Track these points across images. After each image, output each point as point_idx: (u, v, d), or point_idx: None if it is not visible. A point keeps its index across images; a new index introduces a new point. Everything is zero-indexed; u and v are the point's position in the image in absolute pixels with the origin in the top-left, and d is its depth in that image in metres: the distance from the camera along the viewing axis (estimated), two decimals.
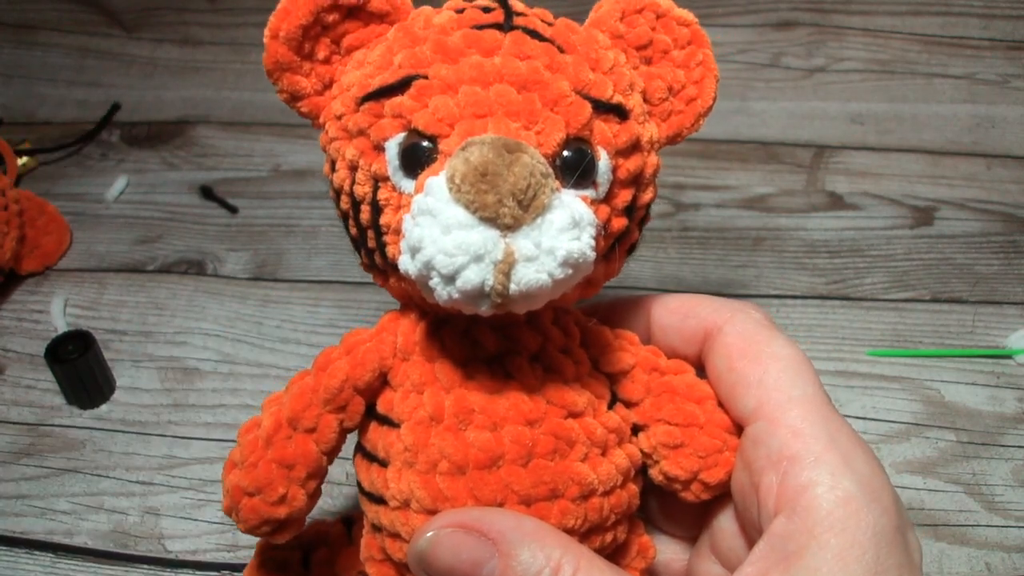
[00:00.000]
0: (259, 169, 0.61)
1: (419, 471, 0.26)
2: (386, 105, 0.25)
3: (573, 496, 0.26)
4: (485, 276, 0.22)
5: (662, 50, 0.29)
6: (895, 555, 0.24)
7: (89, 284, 0.53)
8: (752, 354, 0.27)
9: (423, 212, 0.22)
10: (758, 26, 0.69)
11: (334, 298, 0.51)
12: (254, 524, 0.27)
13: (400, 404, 0.27)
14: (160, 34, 0.72)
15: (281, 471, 0.27)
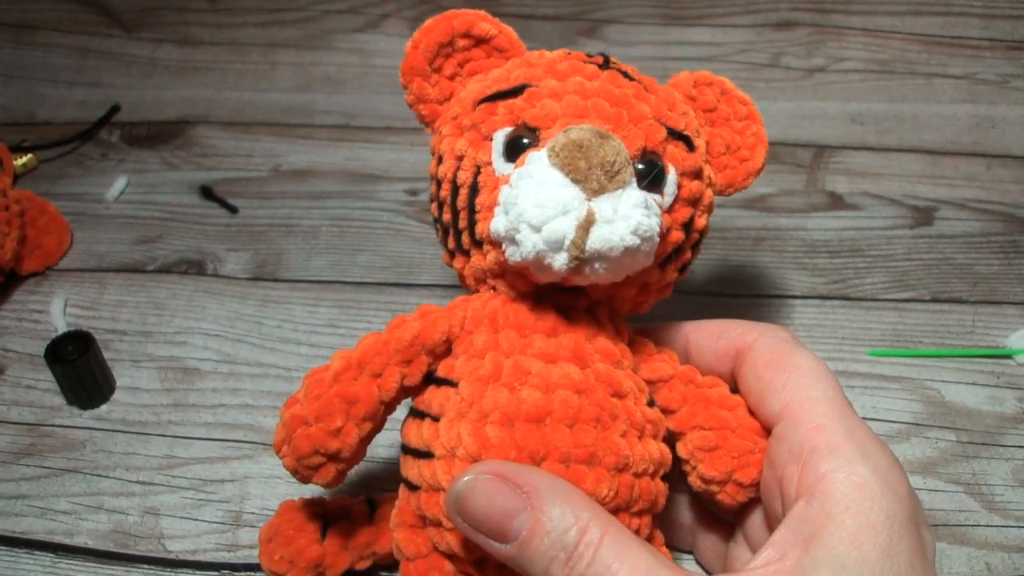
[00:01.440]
0: (259, 169, 0.61)
1: (471, 420, 0.28)
2: (500, 105, 0.30)
3: (609, 466, 0.28)
4: (568, 229, 0.26)
5: (724, 117, 0.34)
6: (908, 541, 0.25)
7: (89, 284, 0.53)
8: (777, 364, 0.30)
9: (522, 176, 0.27)
10: (758, 26, 0.69)
11: (334, 298, 0.51)
12: (305, 452, 0.29)
13: (462, 366, 0.29)
14: (160, 34, 0.72)
15: (343, 405, 0.29)
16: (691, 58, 0.68)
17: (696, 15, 0.69)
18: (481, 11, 0.34)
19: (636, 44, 0.69)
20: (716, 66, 0.68)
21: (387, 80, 0.68)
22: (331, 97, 0.67)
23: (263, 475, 0.41)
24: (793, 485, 0.27)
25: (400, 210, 0.57)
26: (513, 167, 0.28)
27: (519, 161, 0.28)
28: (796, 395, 0.29)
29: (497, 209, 0.28)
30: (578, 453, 0.28)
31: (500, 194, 0.28)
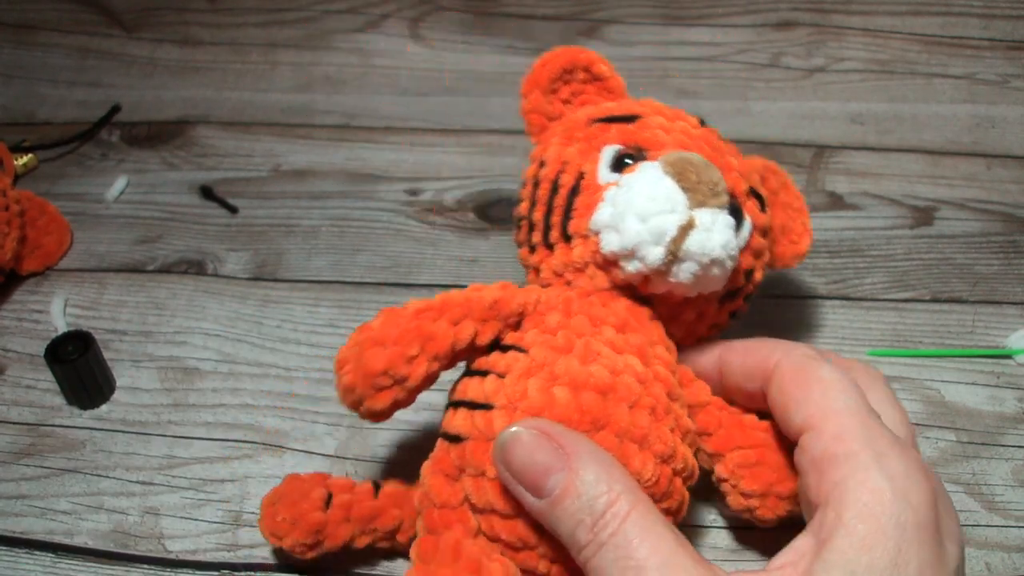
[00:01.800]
0: (259, 169, 0.61)
1: (539, 379, 0.30)
2: (613, 127, 0.34)
3: (656, 452, 0.30)
4: (671, 227, 0.29)
5: (782, 203, 0.39)
6: (919, 549, 0.26)
7: (89, 284, 0.53)
8: (801, 379, 0.30)
9: (635, 177, 0.30)
10: (758, 26, 0.69)
11: (334, 298, 0.51)
12: (374, 370, 0.30)
13: (533, 337, 0.31)
14: (160, 34, 0.72)
15: (420, 337, 0.30)
16: (691, 58, 0.69)
17: (696, 15, 0.69)
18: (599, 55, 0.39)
19: (636, 44, 0.69)
20: (716, 66, 0.69)
21: (387, 80, 0.68)
22: (331, 97, 0.67)
23: (263, 475, 0.41)
24: (813, 493, 0.28)
25: (400, 210, 0.57)
26: (618, 176, 0.32)
27: (628, 169, 0.32)
28: (818, 407, 0.29)
29: (602, 204, 0.31)
30: (633, 432, 0.29)
31: (607, 192, 0.32)
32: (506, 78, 0.68)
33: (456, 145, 0.63)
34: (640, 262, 0.30)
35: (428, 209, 0.57)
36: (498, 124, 0.64)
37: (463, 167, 0.61)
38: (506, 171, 0.60)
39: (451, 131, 0.64)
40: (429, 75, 0.69)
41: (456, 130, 0.64)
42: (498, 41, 0.70)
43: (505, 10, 0.71)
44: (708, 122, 0.37)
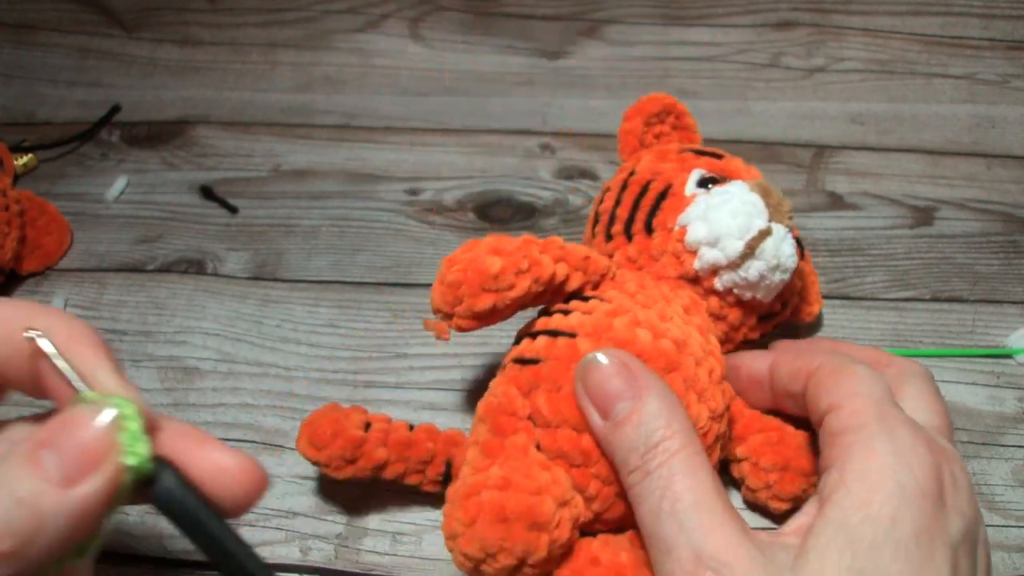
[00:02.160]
0: (259, 169, 0.61)
1: (624, 319, 0.33)
2: (703, 158, 0.40)
3: (710, 408, 0.33)
4: (754, 226, 0.35)
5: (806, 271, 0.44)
6: (917, 515, 0.27)
7: (89, 284, 0.53)
8: (835, 372, 0.32)
9: (730, 188, 0.36)
10: (758, 26, 0.69)
11: (334, 298, 0.51)
12: (489, 270, 0.33)
13: (615, 294, 0.35)
14: (160, 34, 0.72)
15: (529, 258, 0.34)
16: (691, 58, 0.69)
17: (696, 15, 0.69)
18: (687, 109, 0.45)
19: (636, 44, 0.69)
20: (716, 66, 0.69)
21: (387, 80, 0.68)
22: (331, 97, 0.67)
23: None
24: (824, 463, 0.29)
25: (400, 210, 0.57)
26: (703, 191, 0.38)
27: (717, 186, 0.37)
28: (843, 393, 0.31)
29: (697, 201, 0.37)
30: (696, 384, 0.33)
31: (700, 196, 0.37)
32: (506, 78, 0.68)
33: (456, 145, 0.63)
34: (720, 252, 0.35)
35: (428, 209, 0.57)
36: (498, 124, 0.64)
37: (463, 167, 0.61)
38: (506, 171, 0.60)
39: (451, 131, 0.64)
40: (429, 75, 0.69)
41: (456, 130, 0.64)
42: (498, 41, 0.70)
43: (505, 10, 0.71)
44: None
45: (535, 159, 0.61)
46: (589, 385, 0.31)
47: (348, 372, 0.47)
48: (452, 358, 0.47)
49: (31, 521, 0.21)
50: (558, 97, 0.66)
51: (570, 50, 0.70)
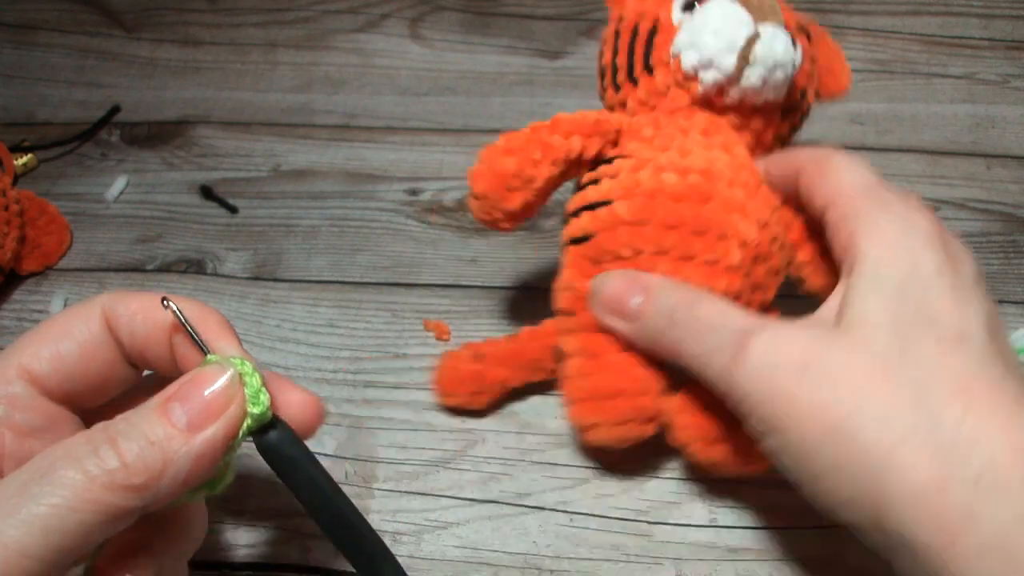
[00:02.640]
0: (259, 169, 0.61)
1: (648, 170, 0.36)
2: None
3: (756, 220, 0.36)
4: (740, 37, 0.35)
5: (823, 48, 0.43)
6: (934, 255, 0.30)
7: (89, 284, 0.53)
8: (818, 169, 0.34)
9: (708, 7, 0.36)
10: None
11: (334, 298, 0.51)
12: (506, 171, 0.37)
13: (633, 146, 0.37)
14: (160, 34, 0.72)
15: (540, 144, 0.37)
16: None
17: None
18: None
19: None
20: None
21: (387, 80, 0.68)
22: (331, 97, 0.67)
23: (262, 473, 0.41)
24: (838, 256, 0.32)
25: (400, 210, 0.57)
26: (689, 15, 0.37)
27: (700, 5, 0.37)
28: (832, 187, 0.33)
29: (681, 31, 0.37)
30: (734, 204, 0.35)
31: (684, 23, 0.37)
32: (506, 78, 0.68)
33: (456, 145, 0.63)
34: (716, 71, 0.36)
35: (429, 209, 0.57)
36: (498, 124, 0.64)
37: (463, 167, 0.60)
38: None
39: (451, 131, 0.64)
40: (429, 75, 0.69)
41: (456, 130, 0.64)
42: (498, 41, 0.70)
43: (505, 10, 0.71)
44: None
45: None
46: (603, 298, 0.35)
47: (348, 372, 0.47)
48: None
49: (160, 460, 0.25)
50: (558, 97, 0.66)
51: (570, 50, 0.70)
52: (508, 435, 0.44)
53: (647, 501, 0.41)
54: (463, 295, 0.51)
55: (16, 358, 0.29)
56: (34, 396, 0.28)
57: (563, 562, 0.39)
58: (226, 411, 0.26)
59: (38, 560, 0.23)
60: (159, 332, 0.30)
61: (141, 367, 0.31)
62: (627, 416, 0.36)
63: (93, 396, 0.30)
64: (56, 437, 0.28)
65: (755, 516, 0.40)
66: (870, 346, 0.28)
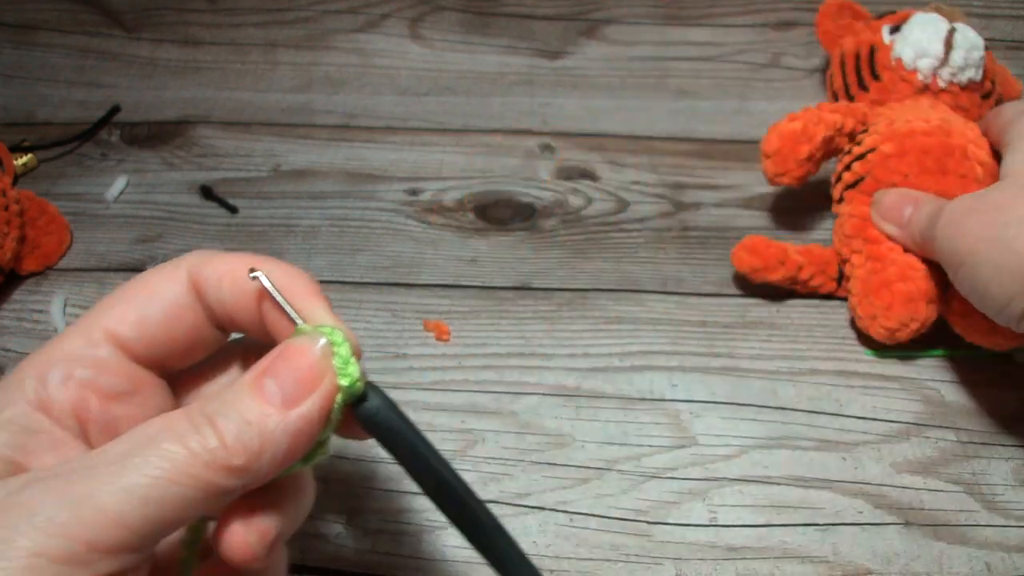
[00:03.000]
0: (259, 169, 0.61)
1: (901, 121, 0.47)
2: (884, 19, 0.55)
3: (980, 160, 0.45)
4: (941, 30, 0.50)
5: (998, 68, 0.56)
6: None
7: (89, 284, 0.53)
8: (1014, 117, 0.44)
9: (914, 18, 0.51)
10: (758, 26, 0.69)
11: (334, 298, 0.51)
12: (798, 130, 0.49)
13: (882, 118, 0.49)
14: (160, 34, 0.72)
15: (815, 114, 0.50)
16: (691, 58, 0.68)
17: (696, 15, 0.69)
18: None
19: (636, 44, 0.69)
20: (716, 66, 0.69)
21: (387, 80, 0.68)
22: (331, 97, 0.67)
23: None
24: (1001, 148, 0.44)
25: (400, 210, 0.57)
26: (896, 34, 0.52)
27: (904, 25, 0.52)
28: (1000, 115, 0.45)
29: (896, 38, 0.52)
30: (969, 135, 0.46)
31: (897, 37, 0.52)
32: (506, 78, 0.68)
33: (456, 145, 0.63)
34: (930, 58, 0.49)
35: (429, 209, 0.57)
36: (498, 124, 0.64)
37: (463, 167, 0.61)
38: (506, 171, 0.60)
39: (451, 131, 0.64)
40: (429, 75, 0.69)
41: (456, 130, 0.64)
42: (498, 41, 0.70)
43: (505, 10, 0.71)
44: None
45: (535, 159, 0.61)
46: (881, 210, 0.45)
47: None
48: (452, 359, 0.47)
49: (258, 439, 0.24)
50: (558, 97, 0.66)
51: (570, 50, 0.70)
52: (508, 435, 0.44)
53: (647, 501, 0.41)
54: (463, 295, 0.51)
55: (101, 321, 0.28)
56: (120, 360, 0.28)
57: (563, 562, 0.39)
58: (319, 385, 0.26)
59: (133, 531, 0.22)
60: (247, 298, 0.29)
61: (229, 330, 0.31)
62: (913, 295, 0.44)
63: (178, 359, 0.30)
64: (141, 402, 0.28)
65: (755, 516, 0.40)
66: (1015, 184, 0.40)
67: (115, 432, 0.27)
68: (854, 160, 0.48)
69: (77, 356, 0.27)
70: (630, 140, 0.62)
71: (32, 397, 0.26)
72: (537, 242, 0.55)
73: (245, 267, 0.28)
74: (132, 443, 0.24)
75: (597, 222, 0.56)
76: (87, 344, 0.27)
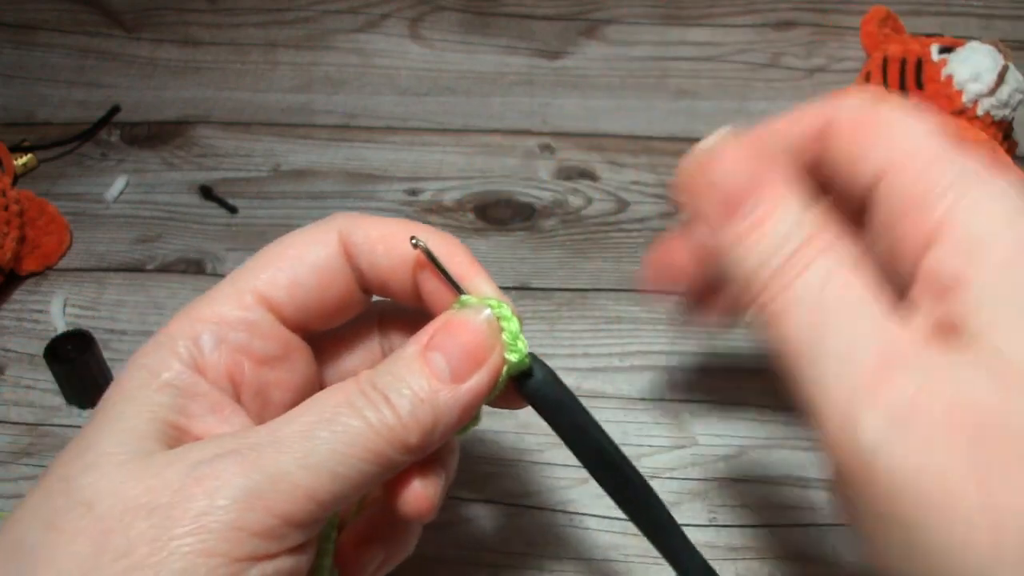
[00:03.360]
0: (259, 169, 0.61)
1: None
2: (933, 39, 0.57)
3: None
4: (998, 63, 0.51)
5: None
6: None
7: (89, 284, 0.53)
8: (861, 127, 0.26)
9: (970, 47, 0.53)
10: (758, 26, 0.69)
11: None
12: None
13: None
14: (160, 34, 0.72)
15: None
16: (691, 58, 0.68)
17: (696, 15, 0.69)
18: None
19: (636, 44, 0.69)
20: (716, 66, 0.69)
21: (387, 80, 0.68)
22: (331, 97, 0.67)
23: None
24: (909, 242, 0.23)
25: (400, 210, 0.57)
26: (947, 55, 0.54)
27: (956, 48, 0.54)
28: (891, 151, 0.24)
29: (952, 56, 0.53)
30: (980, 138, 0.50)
31: (951, 56, 0.53)
32: (506, 78, 0.68)
33: (456, 145, 0.63)
34: (981, 84, 0.51)
35: (429, 209, 0.57)
36: (498, 124, 0.64)
37: (463, 167, 0.61)
38: (506, 171, 0.60)
39: (451, 131, 0.64)
40: (429, 75, 0.69)
41: (456, 130, 0.64)
42: (498, 41, 0.70)
43: (505, 10, 0.71)
44: None
45: (535, 159, 0.61)
46: (714, 174, 0.25)
47: None
48: None
49: (431, 416, 0.24)
50: (558, 97, 0.66)
51: (570, 50, 0.70)
52: (508, 435, 0.44)
53: None
54: None
55: (252, 282, 0.27)
56: (272, 323, 0.27)
57: (563, 562, 0.39)
58: (487, 359, 0.25)
59: (322, 505, 0.23)
60: (403, 264, 0.28)
61: (377, 295, 0.30)
62: None
63: (325, 322, 0.29)
64: (290, 366, 0.28)
65: (755, 516, 0.40)
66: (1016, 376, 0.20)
67: (267, 396, 0.27)
68: None
69: (229, 319, 0.27)
70: (630, 140, 0.62)
71: (188, 359, 0.26)
72: (537, 242, 0.55)
73: (401, 232, 0.28)
74: (315, 415, 0.24)
75: (597, 222, 0.56)
76: (239, 307, 0.27)
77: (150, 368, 0.25)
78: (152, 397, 0.25)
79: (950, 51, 0.54)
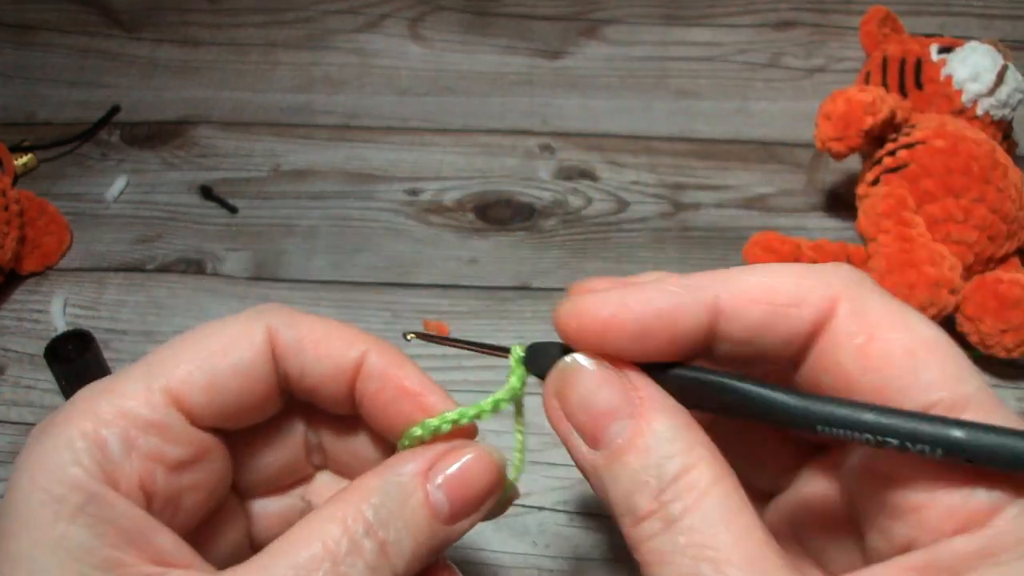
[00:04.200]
0: (259, 169, 0.61)
1: (951, 124, 0.49)
2: (933, 39, 0.56)
3: (1004, 172, 0.48)
4: (998, 61, 0.51)
5: None
6: None
7: (89, 284, 0.53)
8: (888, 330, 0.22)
9: (969, 46, 0.53)
10: (758, 26, 0.69)
11: (334, 298, 0.51)
12: (863, 99, 0.49)
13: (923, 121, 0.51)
14: (160, 34, 0.72)
15: (883, 94, 0.51)
16: (691, 58, 0.68)
17: (696, 15, 0.69)
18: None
19: (636, 44, 0.69)
20: (716, 66, 0.69)
21: (387, 80, 0.68)
22: (331, 97, 0.67)
23: None
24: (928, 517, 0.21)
25: (400, 210, 0.57)
26: (946, 54, 0.54)
27: (955, 48, 0.53)
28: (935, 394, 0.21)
29: (951, 56, 0.53)
30: (1006, 157, 0.48)
31: (951, 56, 0.53)
32: (506, 78, 0.68)
33: (456, 145, 0.63)
34: (980, 84, 0.51)
35: (428, 209, 0.57)
36: (498, 124, 0.64)
37: (463, 167, 0.61)
38: (506, 171, 0.60)
39: (451, 131, 0.64)
40: (429, 75, 0.69)
41: (456, 130, 0.64)
42: (498, 41, 0.70)
43: (505, 10, 0.71)
44: None
45: (535, 159, 0.61)
46: (570, 401, 0.23)
47: None
48: (452, 359, 0.47)
49: (425, 556, 0.25)
50: (558, 97, 0.66)
51: (570, 50, 0.70)
52: (508, 435, 0.44)
53: None
54: (463, 295, 0.51)
55: (164, 379, 0.25)
56: (185, 426, 0.25)
57: (563, 562, 0.39)
58: (486, 503, 0.26)
59: None
60: (337, 372, 0.27)
61: (303, 399, 0.28)
62: (938, 281, 0.44)
63: (241, 422, 0.27)
64: (203, 467, 0.26)
65: None
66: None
67: (178, 504, 0.25)
68: (901, 148, 0.50)
69: (137, 421, 0.24)
70: (630, 140, 0.62)
71: (94, 468, 0.23)
72: (537, 242, 0.55)
73: (335, 335, 0.28)
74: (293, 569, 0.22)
75: (597, 222, 0.56)
76: (147, 406, 0.24)
77: (53, 493, 0.22)
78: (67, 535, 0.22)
79: (949, 51, 0.54)
